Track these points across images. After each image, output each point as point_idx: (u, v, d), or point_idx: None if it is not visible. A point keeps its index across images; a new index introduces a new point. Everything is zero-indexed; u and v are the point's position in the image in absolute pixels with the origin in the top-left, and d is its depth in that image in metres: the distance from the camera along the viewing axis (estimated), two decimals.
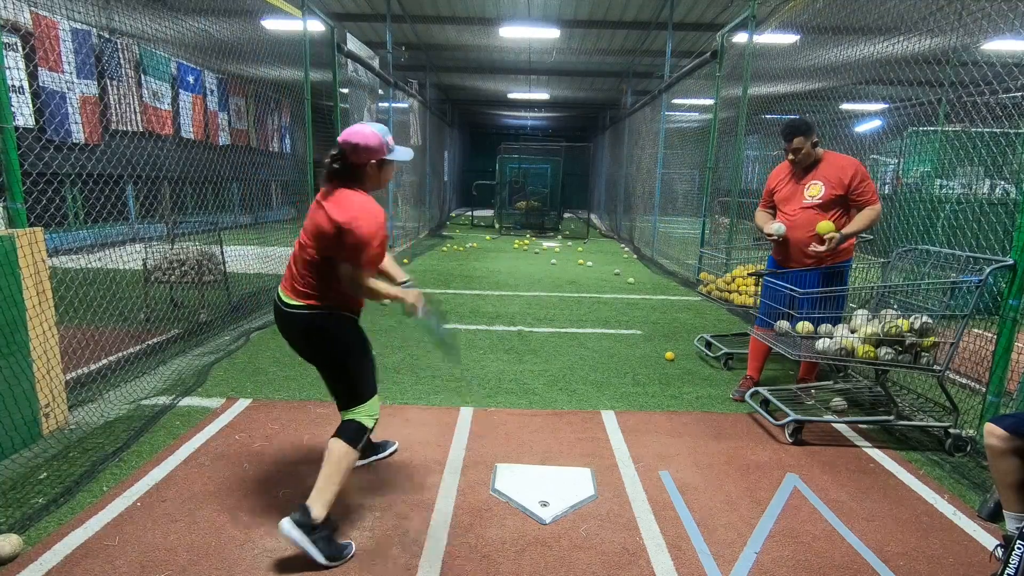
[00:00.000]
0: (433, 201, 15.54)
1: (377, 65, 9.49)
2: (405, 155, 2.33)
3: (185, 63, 9.96)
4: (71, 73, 7.93)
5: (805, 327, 3.40)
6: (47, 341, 3.08)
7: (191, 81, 10.26)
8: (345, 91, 7.85)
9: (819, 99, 5.38)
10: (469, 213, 19.35)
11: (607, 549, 2.35)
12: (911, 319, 3.14)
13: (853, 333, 3.27)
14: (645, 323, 5.98)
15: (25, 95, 7.18)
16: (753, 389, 3.84)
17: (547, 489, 2.77)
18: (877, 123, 9.87)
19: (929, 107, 7.36)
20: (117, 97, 8.54)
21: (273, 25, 6.86)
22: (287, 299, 2.28)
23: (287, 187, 10.83)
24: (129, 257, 4.62)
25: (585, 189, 21.20)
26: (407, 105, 12.01)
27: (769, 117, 6.89)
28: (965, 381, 3.87)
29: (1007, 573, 1.94)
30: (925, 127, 7.98)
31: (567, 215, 20.50)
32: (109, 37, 8.35)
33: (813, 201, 3.57)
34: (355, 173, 2.25)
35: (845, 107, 5.59)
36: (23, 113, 7.14)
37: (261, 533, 2.33)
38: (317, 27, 6.84)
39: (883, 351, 3.16)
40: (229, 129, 11.63)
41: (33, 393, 2.99)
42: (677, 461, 3.09)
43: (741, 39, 6.72)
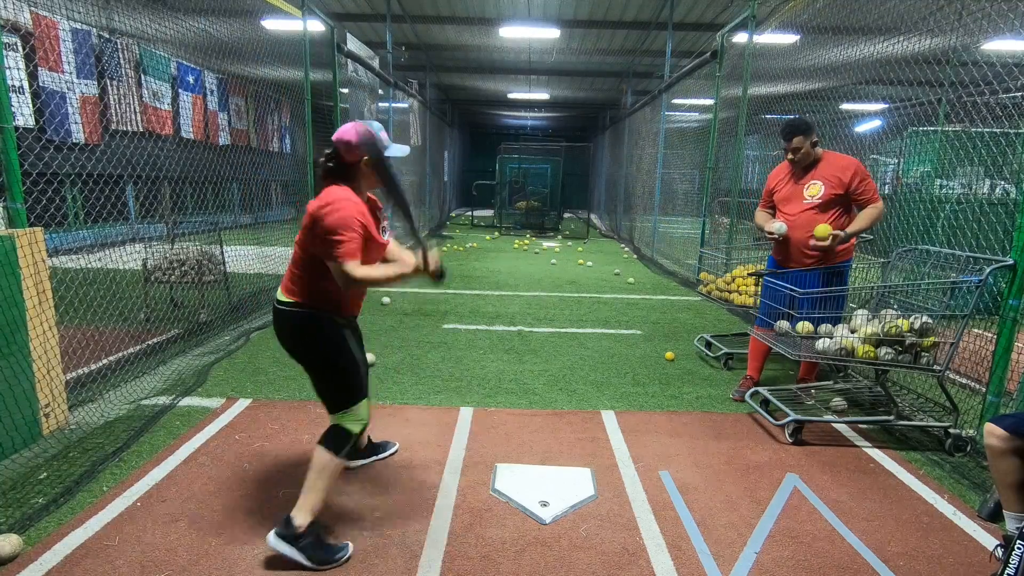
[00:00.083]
0: (433, 201, 15.54)
1: (377, 65, 9.49)
2: (400, 152, 2.30)
3: (185, 63, 9.96)
4: (71, 73, 7.93)
5: (805, 327, 3.40)
6: (47, 341, 3.08)
7: (191, 81, 10.26)
8: (345, 91, 7.85)
9: (819, 99, 5.37)
10: (469, 213, 19.35)
11: (607, 549, 2.35)
12: (911, 319, 3.14)
13: (853, 333, 3.27)
14: (645, 323, 5.99)
15: (25, 95, 7.18)
16: (753, 389, 3.84)
17: (547, 489, 2.77)
18: (877, 123, 9.87)
19: (929, 107, 7.37)
20: (117, 97, 8.54)
21: (273, 25, 6.86)
22: (279, 296, 2.28)
23: (287, 187, 10.84)
24: (129, 257, 4.62)
25: (585, 189, 21.20)
26: (407, 105, 12.01)
27: (769, 117, 6.88)
28: (965, 381, 3.87)
29: (1007, 573, 1.94)
30: (925, 127, 7.98)
31: (567, 215, 20.50)
32: (109, 37, 8.36)
33: (813, 201, 3.57)
34: (349, 171, 2.23)
35: (845, 107, 5.59)
36: (23, 113, 7.14)
37: (261, 533, 2.33)
38: (317, 27, 6.84)
39: (883, 351, 3.16)
40: (229, 129, 11.63)
41: (33, 393, 2.99)
42: (677, 461, 3.09)
43: (741, 39, 6.72)
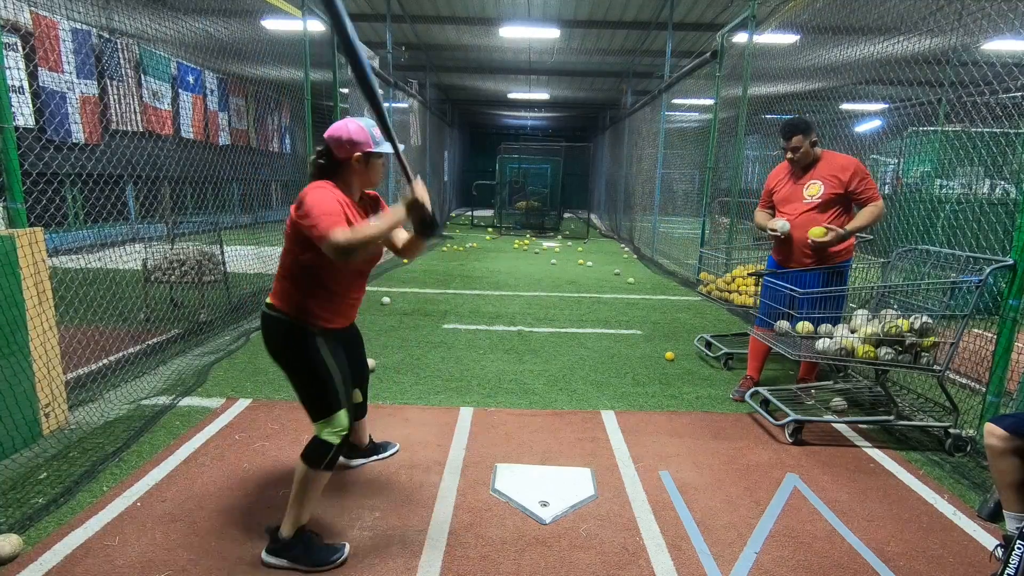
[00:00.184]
0: (433, 201, 15.52)
1: (377, 65, 9.49)
2: (391, 149, 2.24)
3: (185, 63, 9.96)
4: (71, 73, 7.93)
5: (805, 327, 3.40)
6: (47, 341, 3.08)
7: (191, 81, 10.26)
8: (345, 91, 7.84)
9: (819, 99, 5.37)
10: (469, 213, 19.35)
11: (607, 549, 2.35)
12: (911, 319, 3.14)
13: (853, 333, 3.27)
14: (645, 323, 5.98)
15: (25, 95, 7.18)
16: (753, 389, 3.84)
17: (547, 489, 2.77)
18: (877, 123, 9.87)
19: (929, 107, 7.36)
20: (117, 97, 8.54)
21: (273, 25, 6.87)
22: (267, 299, 2.24)
23: (287, 187, 10.84)
24: (129, 257, 4.63)
25: (585, 189, 21.20)
26: (407, 105, 12.01)
27: (769, 117, 6.89)
28: (965, 381, 3.87)
29: (1007, 573, 1.94)
30: (925, 127, 7.98)
31: (567, 215, 20.50)
32: (109, 37, 8.35)
33: (812, 201, 3.57)
34: (340, 168, 2.20)
35: (845, 107, 5.59)
36: (23, 113, 7.14)
37: (260, 533, 2.33)
38: (317, 27, 6.84)
39: (883, 351, 3.15)
40: (229, 129, 11.63)
41: (33, 393, 2.99)
42: (677, 461, 3.09)
43: (741, 39, 6.72)
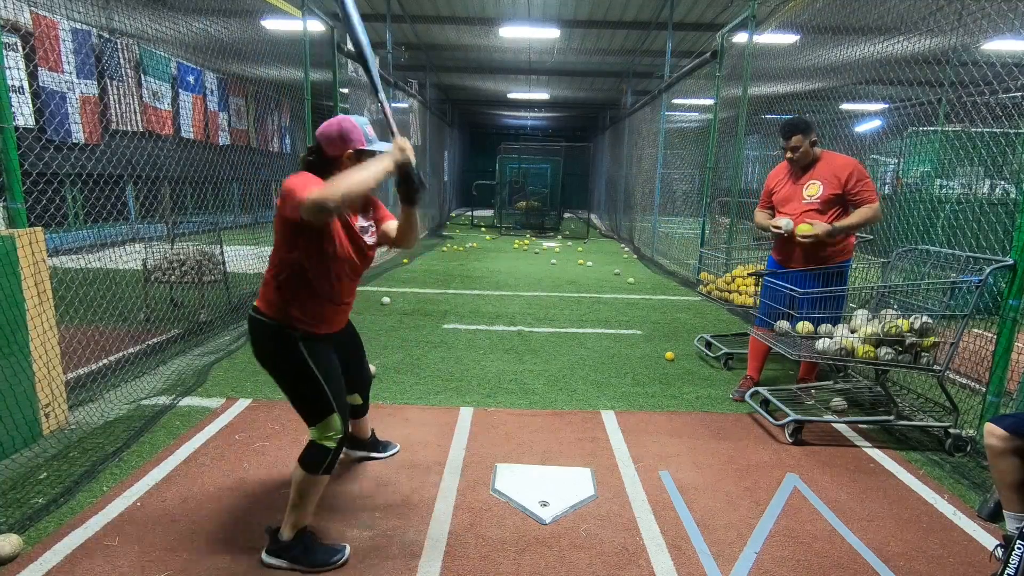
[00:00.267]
0: (433, 201, 15.53)
1: (377, 65, 9.49)
2: (384, 147, 2.19)
3: (185, 63, 9.96)
4: (71, 73, 7.93)
5: (805, 327, 3.40)
6: (47, 341, 3.08)
7: (191, 81, 10.26)
8: (345, 91, 7.85)
9: (819, 99, 5.37)
10: (469, 213, 19.35)
11: (607, 549, 2.35)
12: (911, 319, 3.14)
13: (853, 333, 3.27)
14: (645, 323, 5.98)
15: (25, 95, 7.18)
16: (753, 389, 3.84)
17: (547, 489, 2.77)
18: (877, 123, 9.87)
19: (929, 107, 7.36)
20: (117, 97, 8.54)
21: (273, 25, 6.86)
22: (254, 302, 2.20)
23: None
24: (129, 257, 4.63)
25: (585, 189, 21.20)
26: (407, 105, 12.01)
27: (769, 117, 6.88)
28: (965, 381, 3.87)
29: (1007, 573, 1.94)
30: (925, 127, 7.98)
31: (567, 215, 20.50)
32: (109, 37, 8.35)
33: (812, 201, 3.57)
34: (331, 166, 2.13)
35: (845, 107, 5.59)
36: (23, 113, 7.14)
37: (261, 533, 2.33)
38: (317, 27, 6.83)
39: (883, 351, 3.15)
40: (229, 129, 11.62)
41: (33, 393, 2.99)
42: (677, 461, 3.09)
43: (741, 39, 6.72)
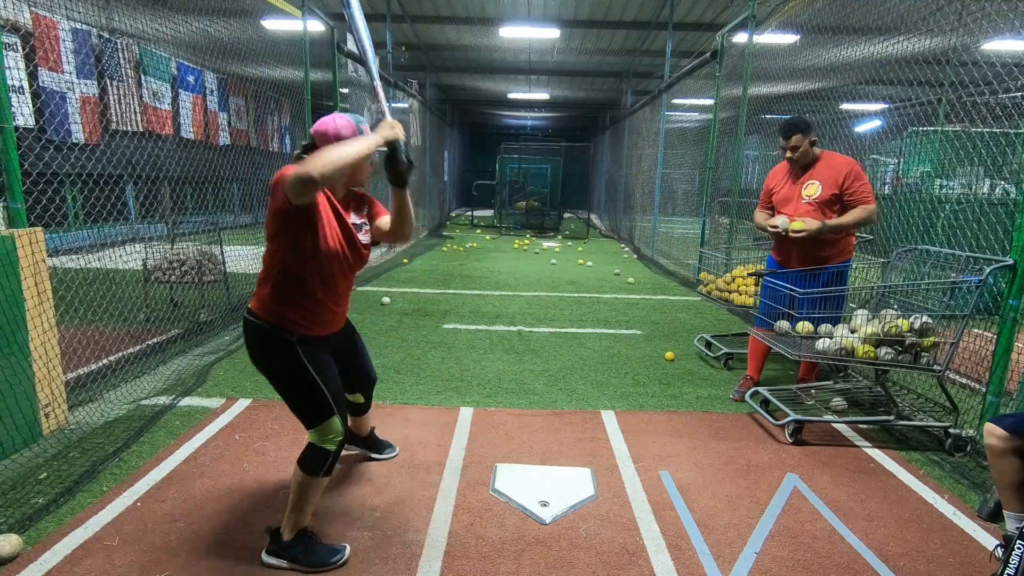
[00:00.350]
0: (433, 201, 15.53)
1: (377, 65, 9.49)
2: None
3: (185, 63, 9.96)
4: (71, 73, 7.93)
5: (805, 327, 3.40)
6: (47, 341, 3.08)
7: (191, 81, 10.26)
8: (345, 91, 7.85)
9: (819, 99, 5.37)
10: (469, 213, 19.35)
11: (607, 549, 2.35)
12: (911, 319, 3.14)
13: (853, 333, 3.27)
14: (645, 323, 5.98)
15: (25, 95, 7.18)
16: (753, 389, 3.84)
17: (547, 489, 2.77)
18: (877, 123, 9.87)
19: (929, 107, 7.36)
20: (117, 97, 8.54)
21: (273, 25, 6.86)
22: (249, 304, 2.20)
23: None
24: (129, 257, 4.63)
25: (585, 189, 21.20)
26: (407, 105, 12.01)
27: (769, 117, 6.89)
28: (965, 381, 3.87)
29: (1007, 573, 1.94)
30: (925, 127, 7.98)
31: (567, 215, 20.50)
32: (109, 37, 8.35)
33: (811, 201, 3.57)
34: None
35: (845, 107, 5.59)
36: (23, 113, 7.14)
37: (260, 533, 2.33)
38: (317, 27, 6.83)
39: (883, 351, 3.16)
40: (229, 129, 11.62)
41: (33, 393, 2.99)
42: (677, 461, 3.09)
43: (741, 39, 6.72)
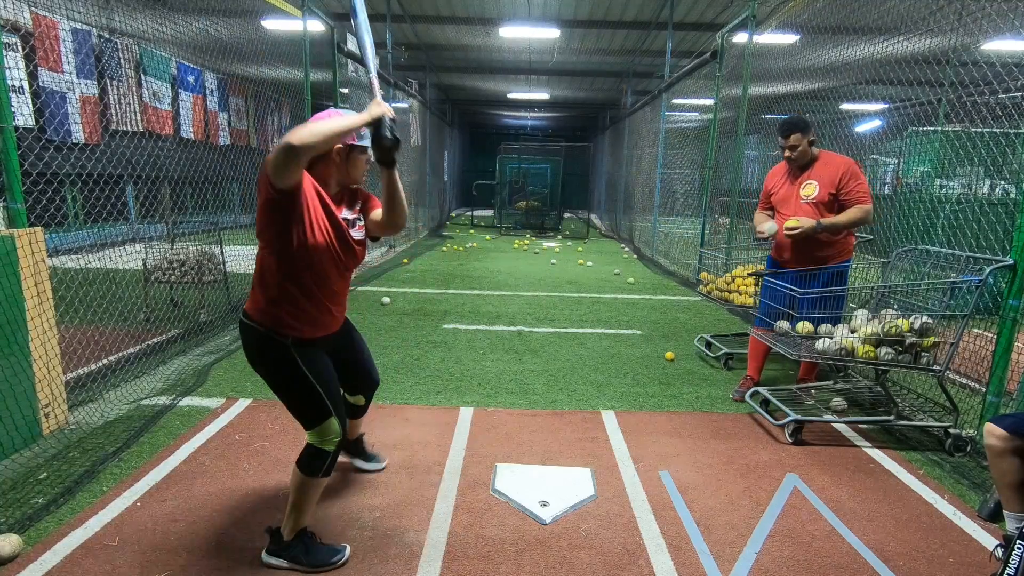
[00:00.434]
0: (433, 201, 15.53)
1: (377, 64, 9.49)
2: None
3: (185, 63, 9.96)
4: (71, 73, 7.93)
5: (805, 327, 3.40)
6: (47, 341, 3.08)
7: (191, 81, 10.25)
8: (345, 91, 7.85)
9: (819, 99, 5.37)
10: (469, 213, 19.35)
11: (607, 549, 2.35)
12: (911, 319, 3.14)
13: (853, 333, 3.27)
14: (645, 323, 5.98)
15: (25, 95, 7.18)
16: (753, 389, 3.84)
17: (547, 489, 2.77)
18: (877, 123, 9.87)
19: (929, 107, 7.36)
20: (117, 97, 8.53)
21: (273, 25, 6.86)
22: (245, 306, 2.19)
23: None
24: (129, 257, 4.63)
25: (585, 189, 21.19)
26: (407, 105, 12.01)
27: (769, 117, 6.89)
28: (965, 381, 3.87)
29: (1007, 573, 1.94)
30: (925, 127, 7.98)
31: (567, 215, 20.50)
32: (109, 37, 8.35)
33: (809, 201, 3.57)
34: (319, 160, 2.08)
35: (845, 107, 5.59)
36: (23, 113, 7.13)
37: (260, 533, 2.33)
38: (317, 27, 6.83)
39: (883, 351, 3.15)
40: (229, 129, 11.62)
41: (33, 393, 2.99)
42: (677, 461, 3.09)
43: (741, 39, 6.72)
